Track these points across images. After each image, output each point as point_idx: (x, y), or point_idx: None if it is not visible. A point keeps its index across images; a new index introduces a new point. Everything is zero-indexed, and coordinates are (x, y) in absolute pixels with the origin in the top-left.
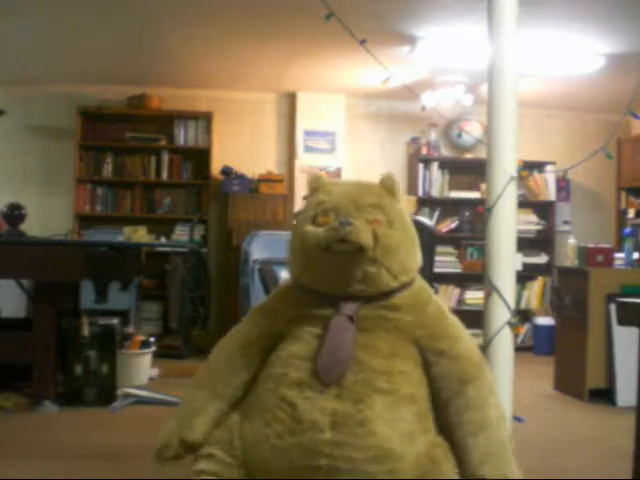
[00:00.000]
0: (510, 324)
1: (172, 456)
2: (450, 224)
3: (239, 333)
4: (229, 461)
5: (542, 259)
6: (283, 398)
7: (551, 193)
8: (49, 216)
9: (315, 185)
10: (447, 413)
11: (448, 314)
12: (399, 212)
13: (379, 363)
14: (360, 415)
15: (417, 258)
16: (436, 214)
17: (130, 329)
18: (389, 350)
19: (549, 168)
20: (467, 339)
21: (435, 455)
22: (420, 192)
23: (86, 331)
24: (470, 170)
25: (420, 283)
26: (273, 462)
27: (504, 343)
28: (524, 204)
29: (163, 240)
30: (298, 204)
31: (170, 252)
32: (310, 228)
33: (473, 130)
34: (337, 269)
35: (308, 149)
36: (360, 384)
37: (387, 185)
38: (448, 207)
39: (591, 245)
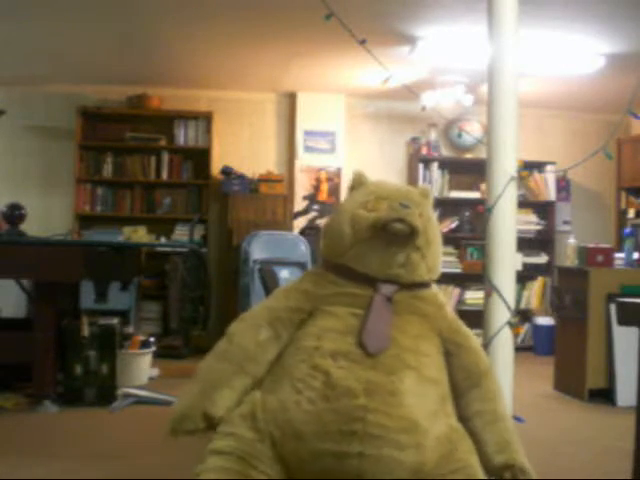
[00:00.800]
0: (510, 324)
1: (190, 429)
2: (450, 224)
3: (266, 309)
4: (251, 436)
5: (542, 259)
6: (316, 367)
7: (551, 193)
8: (49, 216)
9: (360, 180)
10: (466, 403)
11: (457, 316)
12: (433, 215)
13: (407, 341)
14: (392, 386)
15: (441, 263)
16: (436, 214)
17: (130, 329)
18: (416, 332)
19: (549, 168)
20: (477, 341)
21: (454, 438)
22: None
23: (86, 331)
24: (470, 170)
25: (436, 288)
26: (305, 426)
27: (504, 343)
28: (524, 204)
29: (163, 240)
30: (298, 204)
31: (170, 252)
32: (362, 211)
33: (473, 130)
34: (385, 250)
35: (308, 149)
36: (393, 358)
37: (424, 191)
38: (448, 207)
39: (591, 245)
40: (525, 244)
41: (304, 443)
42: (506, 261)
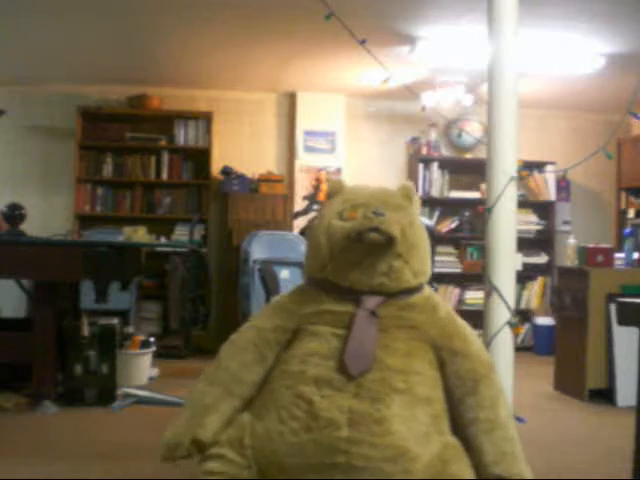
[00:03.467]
0: (510, 324)
1: (182, 455)
2: (450, 224)
3: (251, 329)
4: (239, 461)
5: (542, 259)
6: (300, 395)
7: (551, 193)
8: (49, 216)
9: (337, 187)
10: (461, 411)
11: (457, 317)
12: (417, 216)
13: (396, 362)
14: (378, 414)
15: (430, 263)
16: (436, 214)
17: (130, 329)
18: (406, 350)
19: (549, 168)
20: (477, 341)
21: (446, 456)
22: (420, 192)
23: (86, 331)
24: (470, 170)
25: (429, 289)
26: (288, 459)
27: (504, 343)
28: (524, 204)
29: (163, 240)
30: (298, 204)
31: (170, 252)
32: (337, 221)
33: (473, 130)
34: (363, 260)
35: (308, 149)
36: (378, 383)
37: (406, 191)
38: (448, 207)
39: (591, 245)
40: (525, 244)
41: (287, 475)
42: (506, 261)
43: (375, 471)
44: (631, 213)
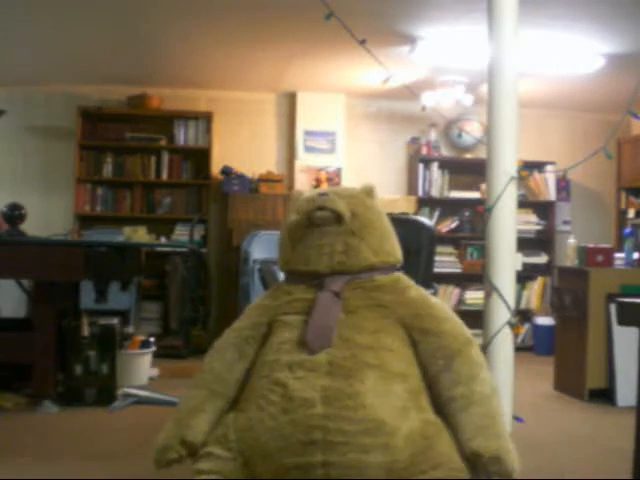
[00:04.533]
0: (510, 324)
1: (173, 459)
2: (450, 224)
3: (230, 331)
4: (225, 455)
5: (542, 259)
6: (275, 381)
7: (551, 193)
8: (49, 216)
9: (297, 195)
10: (438, 390)
11: (430, 298)
12: (375, 205)
13: (365, 339)
14: (350, 389)
15: (397, 247)
16: (436, 214)
17: (130, 329)
18: (374, 328)
19: (549, 168)
20: (452, 319)
21: (428, 433)
22: (420, 192)
23: (86, 331)
24: (470, 170)
25: (401, 274)
26: (269, 444)
27: (504, 343)
28: (524, 204)
29: (163, 240)
30: None
31: (170, 252)
32: (294, 215)
33: (473, 130)
34: (320, 242)
35: (308, 149)
36: (350, 360)
37: (366, 189)
38: (448, 207)
39: (591, 245)
40: (525, 244)
41: (271, 460)
42: (506, 261)
43: (353, 446)
44: (631, 213)
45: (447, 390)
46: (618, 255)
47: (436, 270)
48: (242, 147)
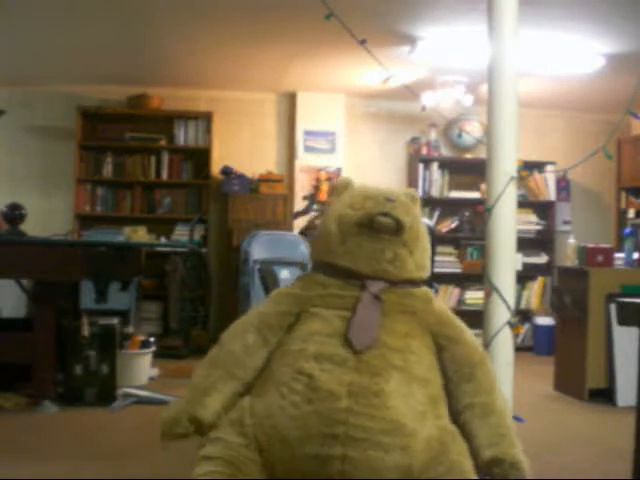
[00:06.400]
0: (510, 324)
1: (179, 433)
2: (450, 224)
3: (254, 313)
4: (238, 441)
5: (542, 259)
6: (300, 371)
7: (551, 193)
8: (49, 216)
9: (345, 184)
10: (457, 397)
11: (450, 311)
12: (419, 214)
13: (394, 341)
14: (376, 387)
15: (429, 263)
16: (436, 214)
17: (130, 329)
18: (404, 332)
19: (549, 168)
20: (469, 331)
21: (444, 439)
22: (420, 192)
23: (86, 331)
24: (470, 170)
25: (427, 288)
26: (289, 431)
27: (504, 343)
28: (524, 204)
29: (163, 240)
30: (298, 204)
31: (170, 252)
32: (349, 210)
33: (473, 130)
34: (372, 246)
35: (308, 149)
36: (377, 359)
37: (410, 194)
38: (448, 207)
39: (591, 245)
40: (525, 244)
41: (289, 448)
42: (506, 261)
43: (374, 444)
44: (631, 213)
45: (468, 397)
46: (618, 255)
47: (436, 270)
48: (242, 147)
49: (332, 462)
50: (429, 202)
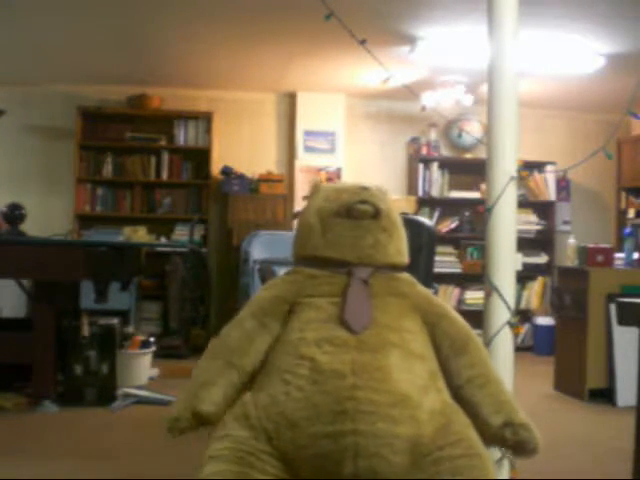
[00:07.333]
0: (510, 324)
1: (185, 428)
2: (450, 224)
3: (247, 305)
4: (246, 434)
5: (542, 259)
6: (302, 356)
7: (551, 193)
8: (49, 216)
9: (317, 186)
10: (457, 370)
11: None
12: (394, 207)
13: (389, 320)
14: (378, 362)
15: (407, 249)
16: (436, 214)
17: (130, 329)
18: (397, 311)
19: (549, 168)
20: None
21: (448, 412)
22: (420, 192)
23: (86, 331)
24: (470, 170)
25: (408, 274)
26: (297, 413)
27: (504, 343)
28: (524, 204)
29: (163, 240)
30: (298, 204)
31: (170, 252)
32: (325, 203)
33: (473, 130)
34: (352, 233)
35: (308, 149)
36: (375, 337)
37: (380, 188)
38: (448, 207)
39: (591, 245)
40: (525, 244)
41: (298, 430)
42: (506, 261)
43: (383, 416)
44: (631, 213)
45: (466, 370)
46: (618, 255)
47: (436, 270)
48: (242, 147)
49: (344, 438)
50: (429, 202)
